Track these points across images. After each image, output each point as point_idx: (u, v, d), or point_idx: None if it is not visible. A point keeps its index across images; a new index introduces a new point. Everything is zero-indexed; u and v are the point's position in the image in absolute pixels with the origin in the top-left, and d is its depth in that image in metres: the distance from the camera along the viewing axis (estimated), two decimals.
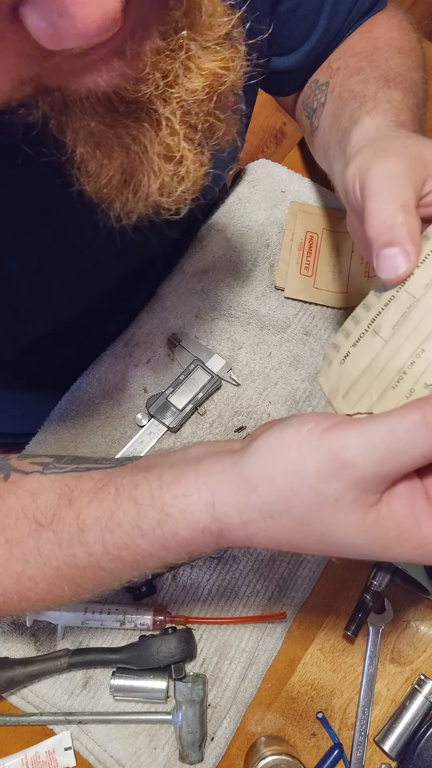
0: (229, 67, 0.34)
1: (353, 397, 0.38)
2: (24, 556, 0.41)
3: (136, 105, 0.33)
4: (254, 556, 0.61)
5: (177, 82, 0.32)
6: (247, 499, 0.35)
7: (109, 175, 0.36)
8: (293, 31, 0.59)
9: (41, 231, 0.48)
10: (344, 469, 0.32)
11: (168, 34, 0.31)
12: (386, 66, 0.56)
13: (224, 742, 0.57)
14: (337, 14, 0.59)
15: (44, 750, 0.56)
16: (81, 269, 0.54)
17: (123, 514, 0.38)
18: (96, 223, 0.46)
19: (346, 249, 0.71)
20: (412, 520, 0.32)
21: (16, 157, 0.41)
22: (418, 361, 0.35)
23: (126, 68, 0.29)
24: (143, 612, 0.58)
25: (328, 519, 0.33)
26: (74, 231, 0.50)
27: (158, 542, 0.38)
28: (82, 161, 0.35)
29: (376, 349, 0.37)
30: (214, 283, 0.70)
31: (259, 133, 1.64)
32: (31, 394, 0.75)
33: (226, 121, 0.37)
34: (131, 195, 0.37)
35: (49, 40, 0.25)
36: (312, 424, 0.33)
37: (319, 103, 0.60)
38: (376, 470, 0.31)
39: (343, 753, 0.57)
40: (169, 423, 0.63)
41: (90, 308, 0.63)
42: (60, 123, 0.33)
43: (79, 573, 0.40)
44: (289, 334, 0.69)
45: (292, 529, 0.34)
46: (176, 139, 0.35)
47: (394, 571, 0.59)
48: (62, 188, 0.44)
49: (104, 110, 0.32)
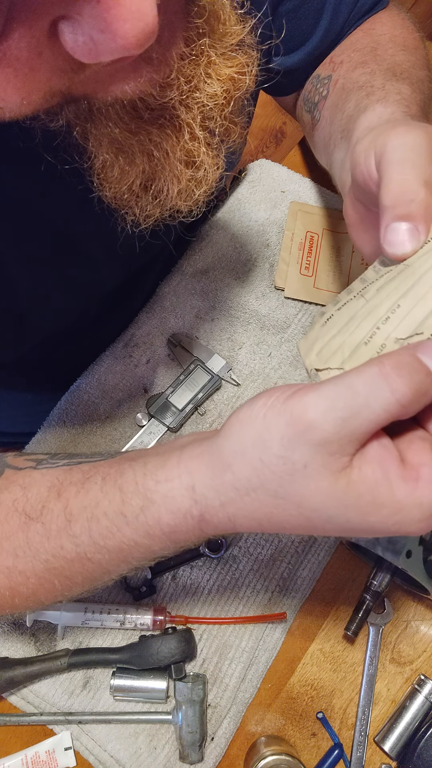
0: (245, 72, 0.35)
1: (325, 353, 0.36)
2: (14, 550, 0.41)
3: (161, 111, 0.34)
4: (254, 556, 0.61)
5: (199, 88, 0.33)
6: (224, 477, 0.34)
7: (130, 180, 0.36)
8: (295, 31, 0.59)
9: (43, 234, 0.48)
10: (306, 432, 0.31)
11: (191, 40, 0.32)
12: (392, 61, 0.55)
13: (224, 742, 0.57)
14: (339, 14, 0.59)
15: (44, 750, 0.56)
16: (82, 271, 0.55)
17: (108, 503, 0.38)
18: (97, 225, 0.46)
19: (346, 249, 0.71)
20: (385, 484, 0.30)
21: (23, 163, 0.41)
22: (392, 316, 0.34)
23: (153, 74, 0.30)
24: (143, 612, 0.58)
25: (301, 489, 0.32)
26: (75, 233, 0.50)
27: (142, 529, 0.37)
28: (103, 167, 0.36)
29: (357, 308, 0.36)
30: (214, 283, 0.70)
31: (259, 133, 1.64)
32: (31, 394, 0.75)
33: (239, 124, 0.38)
34: (151, 200, 0.38)
35: (87, 54, 0.26)
36: (278, 393, 0.33)
37: (321, 96, 0.60)
38: (338, 429, 0.30)
39: (343, 753, 0.57)
40: (169, 423, 0.63)
41: (90, 309, 0.63)
42: (84, 130, 0.34)
43: (68, 565, 0.40)
44: (289, 334, 0.69)
45: (270, 505, 0.33)
46: (196, 144, 0.35)
47: (394, 571, 0.59)
48: (65, 192, 0.44)
49: (129, 117, 0.33)
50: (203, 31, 0.32)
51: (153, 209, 0.38)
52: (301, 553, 0.61)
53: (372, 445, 0.31)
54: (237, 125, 0.37)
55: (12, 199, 0.44)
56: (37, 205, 0.45)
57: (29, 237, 0.47)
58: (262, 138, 1.65)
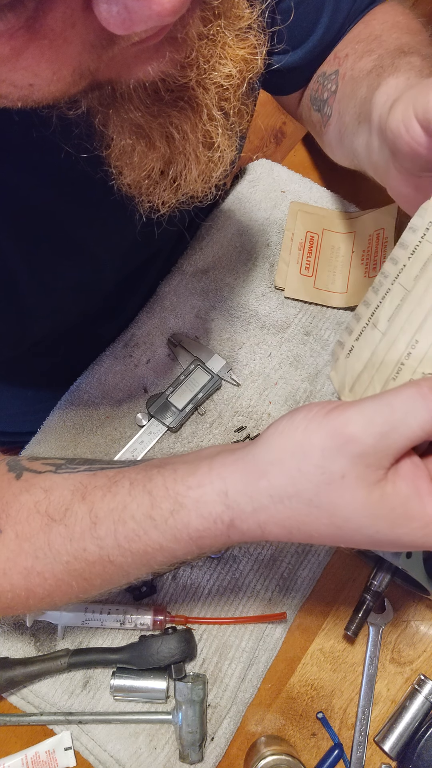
0: (256, 53, 0.36)
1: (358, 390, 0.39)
2: (34, 552, 0.41)
3: (180, 92, 0.34)
4: (254, 556, 0.61)
5: (215, 68, 0.34)
6: (258, 484, 0.35)
7: (150, 166, 0.37)
8: (295, 29, 0.59)
9: (44, 231, 0.48)
10: (347, 444, 0.33)
11: (208, 20, 0.33)
12: (397, 43, 0.55)
13: (224, 742, 0.57)
14: (339, 10, 0.59)
15: (44, 750, 0.56)
16: (83, 268, 0.55)
17: (137, 506, 0.39)
18: (98, 222, 0.46)
19: (346, 249, 0.71)
20: (417, 499, 0.33)
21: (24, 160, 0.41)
22: (414, 351, 0.36)
23: (175, 53, 0.31)
24: (143, 612, 0.58)
25: (336, 499, 0.33)
26: (77, 230, 0.50)
27: (170, 533, 0.38)
28: (122, 154, 0.36)
29: (375, 341, 0.38)
30: (214, 283, 0.70)
31: (259, 133, 1.64)
32: (31, 394, 0.75)
33: (250, 107, 0.39)
34: (169, 184, 0.38)
35: (121, 23, 0.26)
36: (318, 408, 0.35)
37: (330, 92, 0.59)
38: (376, 443, 0.32)
39: (343, 753, 0.57)
40: (169, 423, 0.63)
41: (90, 308, 0.63)
42: (105, 117, 0.34)
43: (89, 568, 0.41)
44: (289, 334, 0.69)
45: (302, 513, 0.35)
46: (214, 125, 0.36)
47: (394, 571, 0.59)
48: (68, 190, 0.44)
49: (150, 100, 0.34)
50: (219, 12, 0.33)
51: (170, 195, 0.39)
52: (301, 553, 0.61)
53: (405, 462, 0.34)
54: (248, 107, 0.38)
55: (13, 198, 0.44)
56: (38, 203, 0.45)
57: (30, 235, 0.47)
58: (262, 138, 1.65)
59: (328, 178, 0.77)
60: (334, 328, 0.69)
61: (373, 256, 0.68)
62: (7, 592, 0.42)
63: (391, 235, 0.67)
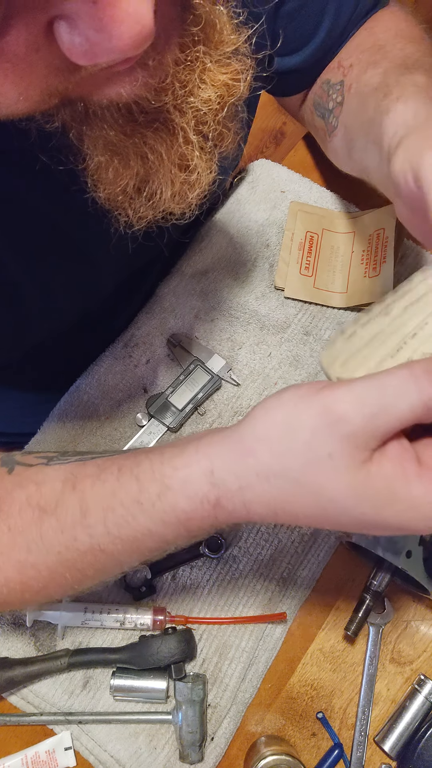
0: (239, 79, 0.35)
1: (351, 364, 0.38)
2: (27, 545, 0.41)
3: (155, 115, 0.34)
4: (254, 556, 0.61)
5: (193, 93, 0.34)
6: (245, 461, 0.35)
7: (124, 182, 0.37)
8: (297, 31, 0.59)
9: (45, 235, 0.48)
10: (337, 423, 0.32)
11: (186, 46, 0.32)
12: (402, 54, 0.55)
13: (224, 742, 0.57)
14: (341, 14, 0.59)
15: (44, 750, 0.56)
16: (83, 272, 0.55)
17: (125, 493, 0.39)
18: (98, 227, 0.46)
19: (346, 249, 0.71)
20: (402, 480, 0.32)
21: (21, 163, 0.42)
22: (420, 332, 0.36)
23: (149, 78, 0.31)
24: (143, 612, 0.58)
25: (322, 478, 0.33)
26: (77, 235, 0.50)
27: (158, 517, 0.38)
28: (98, 169, 0.36)
29: (383, 325, 0.38)
30: (213, 283, 0.70)
31: (259, 134, 1.64)
32: (31, 394, 0.75)
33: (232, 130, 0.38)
34: (144, 202, 0.38)
35: (83, 55, 0.26)
36: (307, 387, 0.35)
37: (336, 103, 0.60)
38: (366, 423, 0.32)
39: (343, 753, 0.57)
40: (169, 423, 0.63)
41: (90, 309, 0.63)
42: (79, 132, 0.34)
43: (80, 558, 0.41)
44: (289, 334, 0.69)
45: (288, 492, 0.34)
46: (190, 148, 0.36)
47: (394, 571, 0.59)
48: (66, 194, 0.44)
49: (124, 120, 0.33)
50: (198, 38, 0.33)
51: (146, 211, 0.39)
52: (301, 553, 0.61)
53: (392, 443, 0.33)
54: (230, 131, 0.38)
55: (11, 200, 0.44)
56: (37, 205, 0.46)
57: (29, 237, 0.47)
58: (262, 138, 1.65)
59: (328, 178, 0.77)
60: (334, 328, 0.69)
61: (373, 256, 0.68)
62: (2, 587, 0.42)
63: (391, 235, 0.67)
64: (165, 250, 0.58)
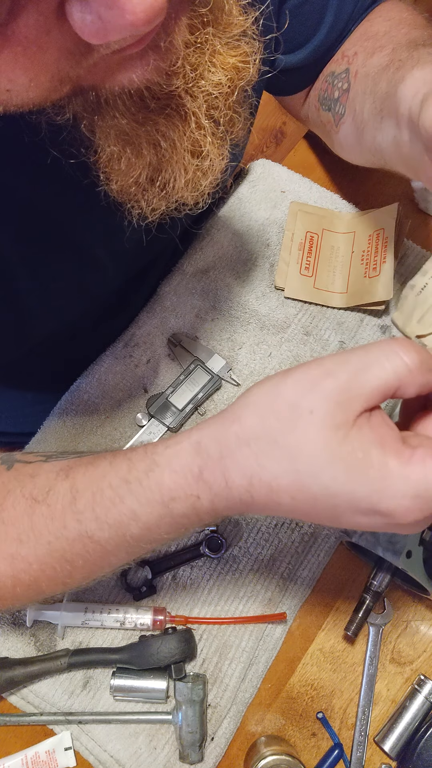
0: (248, 62, 0.35)
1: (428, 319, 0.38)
2: (18, 536, 0.41)
3: (167, 100, 0.34)
4: (254, 556, 0.61)
5: (204, 76, 0.34)
6: (230, 428, 0.36)
7: (137, 172, 0.37)
8: (299, 28, 0.59)
9: (46, 233, 0.48)
10: (321, 379, 0.34)
11: (196, 28, 0.32)
12: (408, 37, 0.54)
13: (224, 742, 0.57)
14: (342, 9, 0.59)
15: (44, 750, 0.56)
16: (85, 271, 0.55)
17: (115, 473, 0.39)
18: (102, 226, 0.46)
19: (346, 249, 0.71)
20: (379, 448, 0.33)
21: (27, 161, 0.41)
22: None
23: (160, 61, 0.30)
24: (143, 612, 0.58)
25: (300, 437, 0.33)
26: (79, 233, 0.50)
27: (144, 496, 0.38)
28: (110, 161, 0.36)
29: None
30: (214, 283, 0.70)
31: (259, 133, 1.64)
32: (32, 394, 0.75)
33: (242, 115, 0.38)
34: (158, 192, 0.38)
35: (95, 33, 0.25)
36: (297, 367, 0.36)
37: (342, 91, 0.59)
38: (349, 379, 0.33)
39: (343, 753, 0.57)
40: (169, 423, 0.63)
41: (91, 309, 0.63)
42: (91, 122, 0.34)
43: (69, 547, 0.41)
44: (289, 334, 0.69)
45: (265, 455, 0.34)
46: (202, 133, 0.36)
47: (394, 571, 0.59)
48: (69, 192, 0.44)
49: (136, 108, 0.33)
50: (207, 20, 0.33)
51: (159, 202, 0.39)
52: (301, 553, 0.61)
53: (377, 412, 0.34)
54: (240, 116, 0.38)
55: (14, 199, 0.44)
56: (40, 204, 0.45)
57: (31, 236, 0.47)
58: (262, 138, 1.65)
59: (328, 178, 0.77)
60: (334, 328, 0.69)
61: (373, 256, 0.68)
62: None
63: (391, 235, 0.67)
64: (167, 247, 0.57)
